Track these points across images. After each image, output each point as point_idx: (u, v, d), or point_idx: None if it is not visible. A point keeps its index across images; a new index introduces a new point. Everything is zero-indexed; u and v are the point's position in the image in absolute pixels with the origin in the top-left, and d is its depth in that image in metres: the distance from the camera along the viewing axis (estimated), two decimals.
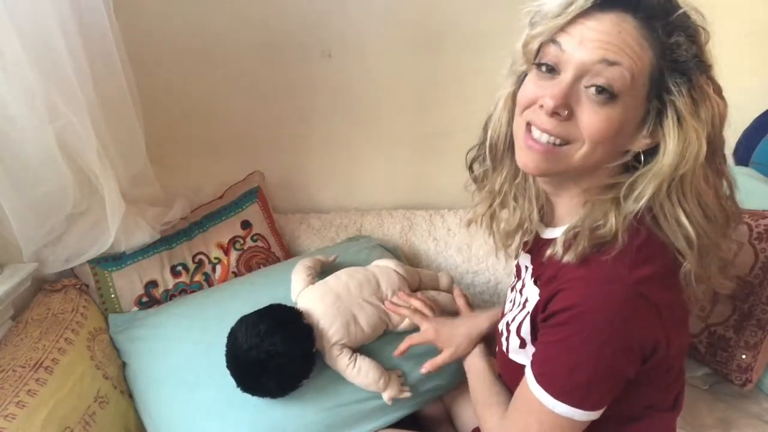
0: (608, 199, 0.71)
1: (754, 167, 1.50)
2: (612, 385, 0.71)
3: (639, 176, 0.69)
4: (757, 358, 1.20)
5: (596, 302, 0.67)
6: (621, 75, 0.64)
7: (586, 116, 0.66)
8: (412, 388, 1.05)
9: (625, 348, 0.68)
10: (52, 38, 0.95)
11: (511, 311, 0.87)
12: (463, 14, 1.39)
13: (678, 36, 0.65)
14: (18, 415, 0.85)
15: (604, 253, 0.68)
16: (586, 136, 0.67)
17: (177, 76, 1.39)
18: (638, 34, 0.64)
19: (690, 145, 0.66)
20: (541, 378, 0.72)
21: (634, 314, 0.67)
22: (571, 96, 0.66)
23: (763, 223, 1.23)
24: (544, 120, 0.68)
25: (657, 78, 0.66)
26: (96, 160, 1.06)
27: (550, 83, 0.68)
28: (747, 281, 1.21)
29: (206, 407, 1.02)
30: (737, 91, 0.74)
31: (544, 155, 0.70)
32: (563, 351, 0.70)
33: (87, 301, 1.19)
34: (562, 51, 0.67)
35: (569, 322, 0.68)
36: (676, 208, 0.68)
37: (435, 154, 1.56)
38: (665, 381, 0.80)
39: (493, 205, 0.86)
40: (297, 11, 1.36)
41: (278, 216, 1.51)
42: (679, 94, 0.65)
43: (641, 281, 0.66)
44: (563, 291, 0.70)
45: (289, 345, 0.96)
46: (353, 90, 1.47)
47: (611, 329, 0.66)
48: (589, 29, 0.65)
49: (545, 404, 0.71)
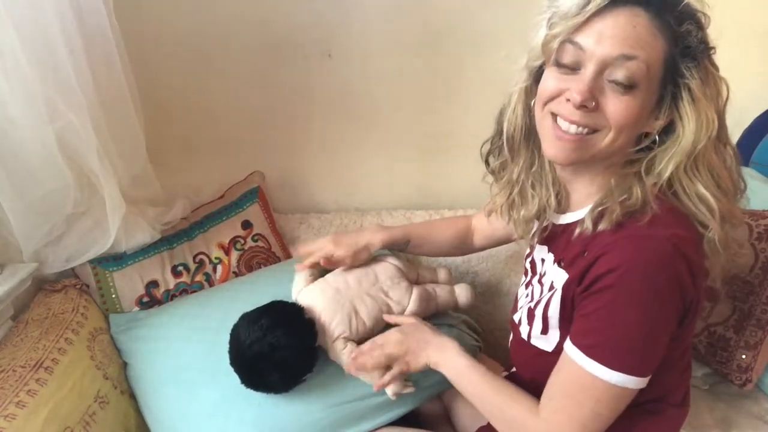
0: (630, 174, 0.76)
1: (754, 167, 1.50)
2: (661, 345, 0.73)
3: (658, 153, 0.75)
4: (757, 358, 1.20)
5: (642, 258, 0.70)
6: (638, 67, 0.69)
7: (611, 105, 0.72)
8: (414, 383, 1.05)
9: (670, 301, 0.70)
10: (52, 38, 0.95)
11: (531, 300, 0.88)
12: (463, 14, 1.39)
13: (688, 24, 0.70)
14: (18, 415, 0.85)
15: (638, 219, 0.72)
16: (612, 123, 0.72)
17: (177, 76, 1.39)
18: (651, 26, 0.70)
19: (705, 122, 0.71)
20: (590, 350, 0.72)
21: (675, 269, 0.69)
22: (595, 89, 0.72)
23: (763, 223, 1.23)
24: (572, 112, 0.73)
25: (670, 64, 0.71)
26: (96, 160, 1.06)
27: (572, 77, 0.73)
28: (747, 281, 1.21)
29: (210, 406, 1.02)
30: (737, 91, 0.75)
31: (575, 144, 0.74)
32: (611, 316, 0.71)
33: (87, 301, 1.19)
34: (582, 50, 0.72)
35: (616, 284, 0.70)
36: (695, 182, 0.73)
37: (435, 154, 1.56)
38: (680, 367, 0.82)
39: (512, 194, 0.90)
40: (297, 11, 1.36)
41: (278, 216, 1.51)
42: (691, 76, 0.71)
43: (679, 239, 0.70)
44: (604, 255, 0.72)
45: (292, 338, 0.96)
46: (353, 90, 1.47)
47: (658, 284, 0.69)
48: (606, 27, 0.70)
49: (600, 377, 0.71)
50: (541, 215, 0.89)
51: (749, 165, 1.52)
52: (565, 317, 0.79)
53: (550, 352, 0.81)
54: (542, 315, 0.83)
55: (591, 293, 0.73)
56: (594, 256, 0.73)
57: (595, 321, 0.73)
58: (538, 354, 0.83)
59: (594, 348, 0.72)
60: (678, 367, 0.82)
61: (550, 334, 0.81)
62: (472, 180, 1.00)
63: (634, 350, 0.71)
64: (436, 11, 1.40)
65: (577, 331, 0.76)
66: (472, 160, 0.98)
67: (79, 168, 1.08)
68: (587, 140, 0.74)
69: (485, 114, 0.95)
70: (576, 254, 0.77)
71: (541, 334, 0.83)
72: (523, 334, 0.87)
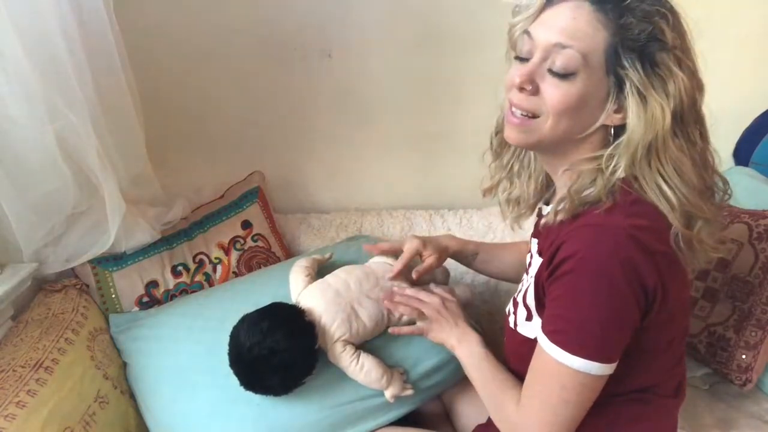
0: (593, 169, 0.78)
1: (754, 167, 1.51)
2: (621, 332, 0.74)
3: (614, 148, 0.77)
4: (757, 358, 1.20)
5: (595, 245, 0.72)
6: (573, 56, 0.73)
7: (549, 91, 0.76)
8: (414, 385, 1.05)
9: (627, 288, 0.71)
10: (52, 38, 0.95)
11: (519, 290, 0.91)
12: (463, 14, 1.39)
13: (628, 17, 0.72)
14: (18, 415, 0.85)
15: (597, 208, 0.74)
16: (550, 108, 0.76)
17: (177, 76, 1.39)
18: (592, 17, 0.73)
19: (653, 117, 0.72)
20: (554, 335, 0.74)
21: (631, 255, 0.70)
22: (536, 74, 0.76)
23: (763, 223, 1.23)
24: (517, 96, 0.78)
25: (611, 55, 0.73)
26: (96, 160, 1.06)
27: (523, 65, 0.78)
28: (747, 281, 1.21)
29: (209, 407, 1.02)
30: (737, 92, 0.76)
31: (519, 127, 0.79)
32: (571, 302, 0.74)
33: (87, 301, 1.19)
34: (532, 39, 0.77)
35: (574, 269, 0.72)
36: (655, 175, 0.74)
37: (435, 154, 1.56)
38: (668, 357, 0.83)
39: (502, 178, 0.96)
40: (297, 11, 1.36)
41: (278, 216, 1.51)
42: (633, 69, 0.72)
43: (635, 228, 0.71)
44: (564, 243, 0.75)
45: (292, 341, 0.96)
46: (353, 90, 1.47)
47: (612, 270, 0.70)
48: (550, 17, 0.76)
49: (562, 362, 0.73)
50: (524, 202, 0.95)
51: (749, 165, 1.53)
52: (539, 303, 0.82)
53: (533, 339, 0.82)
54: (523, 302, 0.86)
55: (554, 279, 0.75)
56: (557, 244, 0.76)
57: (558, 307, 0.75)
58: (524, 341, 0.85)
59: (556, 333, 0.74)
60: (665, 357, 0.82)
61: (534, 321, 0.83)
62: (472, 180, 1.00)
63: (591, 335, 0.72)
64: (436, 11, 1.40)
65: (544, 318, 0.79)
66: (472, 160, 0.99)
67: (79, 168, 1.08)
68: (530, 124, 0.78)
69: (485, 114, 0.95)
70: (548, 243, 0.79)
71: (526, 321, 0.85)
72: (511, 323, 0.90)
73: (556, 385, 0.74)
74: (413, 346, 1.07)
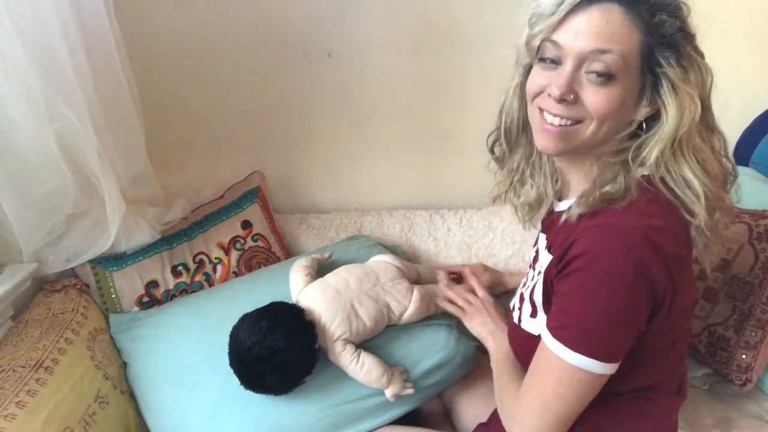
0: (618, 162, 0.79)
1: (754, 167, 1.51)
2: (626, 333, 0.73)
3: (644, 141, 0.77)
4: (757, 358, 1.20)
5: (608, 245, 0.72)
6: (614, 60, 0.72)
7: (590, 97, 0.75)
8: (414, 384, 1.05)
9: (637, 290, 0.71)
10: (52, 38, 0.95)
11: (524, 286, 0.92)
12: (464, 14, 1.39)
13: (660, 15, 0.72)
14: (18, 415, 0.85)
15: (615, 207, 0.74)
16: (593, 114, 0.75)
17: (177, 75, 1.39)
18: (625, 19, 0.72)
19: (687, 109, 0.73)
20: (557, 331, 0.74)
21: (644, 258, 0.70)
22: (574, 82, 0.75)
23: (763, 223, 1.23)
24: (554, 106, 0.77)
25: (647, 54, 0.74)
26: (96, 160, 1.06)
27: (553, 73, 0.76)
28: (747, 281, 1.21)
29: (210, 406, 1.02)
30: (737, 91, 0.76)
31: (560, 135, 0.78)
32: (578, 299, 0.73)
33: (87, 301, 1.19)
34: (560, 47, 0.75)
35: (584, 268, 0.72)
36: (681, 166, 0.75)
37: (435, 154, 1.56)
38: (670, 357, 0.83)
39: (513, 182, 0.96)
40: (297, 11, 1.36)
41: (278, 216, 1.51)
42: (669, 65, 0.73)
43: (651, 229, 0.71)
44: (577, 240, 0.74)
45: (292, 341, 0.96)
46: (353, 90, 1.47)
47: (623, 271, 0.70)
48: (580, 23, 0.74)
49: (562, 357, 0.73)
50: (543, 203, 0.93)
51: (749, 165, 1.53)
52: (546, 300, 0.82)
53: (536, 336, 0.82)
54: (530, 298, 0.86)
55: (564, 276, 0.75)
56: (570, 241, 0.75)
57: (564, 303, 0.75)
58: (527, 337, 0.85)
59: (560, 329, 0.74)
60: (667, 357, 0.83)
61: (539, 318, 0.83)
62: (472, 180, 1.00)
63: (597, 334, 0.72)
64: (436, 11, 1.40)
65: (550, 313, 0.79)
66: (472, 160, 0.99)
67: (79, 168, 1.08)
68: (571, 131, 0.77)
69: (485, 114, 0.95)
70: (561, 240, 0.79)
71: (531, 317, 0.85)
72: (515, 318, 0.90)
73: (551, 379, 0.75)
74: (413, 345, 1.08)
